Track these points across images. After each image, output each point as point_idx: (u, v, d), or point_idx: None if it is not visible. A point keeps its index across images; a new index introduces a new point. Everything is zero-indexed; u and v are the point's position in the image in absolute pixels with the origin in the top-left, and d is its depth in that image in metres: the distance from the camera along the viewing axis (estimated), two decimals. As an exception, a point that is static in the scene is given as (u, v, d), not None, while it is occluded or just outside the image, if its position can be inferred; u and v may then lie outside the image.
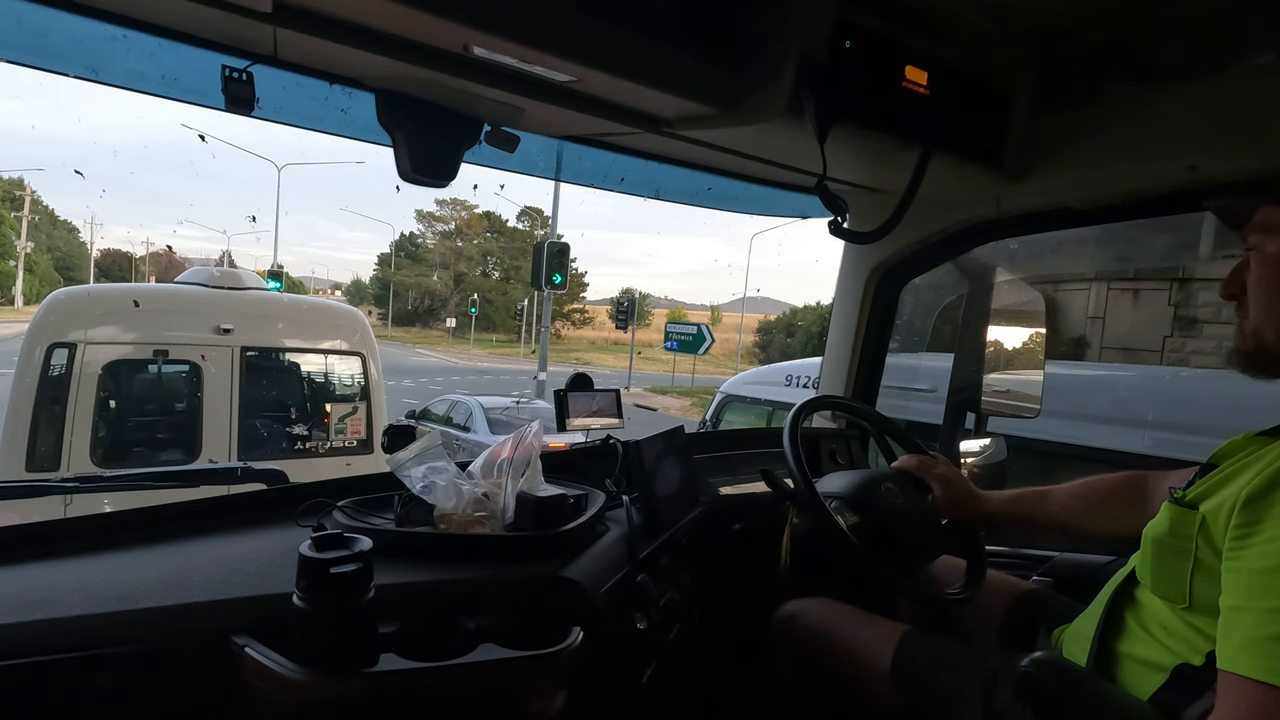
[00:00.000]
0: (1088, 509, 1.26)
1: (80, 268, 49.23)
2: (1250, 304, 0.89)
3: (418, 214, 52.20)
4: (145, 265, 51.62)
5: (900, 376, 3.08)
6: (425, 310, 50.73)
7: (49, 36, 1.03)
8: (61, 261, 48.37)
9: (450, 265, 50.34)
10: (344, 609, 0.77)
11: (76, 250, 51.26)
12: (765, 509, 1.50)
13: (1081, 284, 6.34)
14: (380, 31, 0.96)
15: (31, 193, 42.33)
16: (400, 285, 50.16)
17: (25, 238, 40.59)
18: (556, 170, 1.70)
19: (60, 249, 49.71)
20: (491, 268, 50.99)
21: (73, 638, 0.74)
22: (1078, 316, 6.31)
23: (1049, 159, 1.44)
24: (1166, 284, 5.92)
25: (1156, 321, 5.85)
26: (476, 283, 48.70)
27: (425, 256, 51.73)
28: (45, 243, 47.30)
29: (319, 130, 1.35)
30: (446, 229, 51.49)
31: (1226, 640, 0.75)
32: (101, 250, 55.57)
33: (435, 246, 51.66)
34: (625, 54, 1.04)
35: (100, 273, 49.56)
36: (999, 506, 1.36)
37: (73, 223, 54.54)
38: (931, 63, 1.24)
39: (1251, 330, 0.88)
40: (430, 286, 50.11)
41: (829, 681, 1.26)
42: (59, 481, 1.16)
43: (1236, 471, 0.83)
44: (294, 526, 1.01)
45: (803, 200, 1.88)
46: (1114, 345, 6.15)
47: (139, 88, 1.16)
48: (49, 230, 49.05)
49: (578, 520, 1.07)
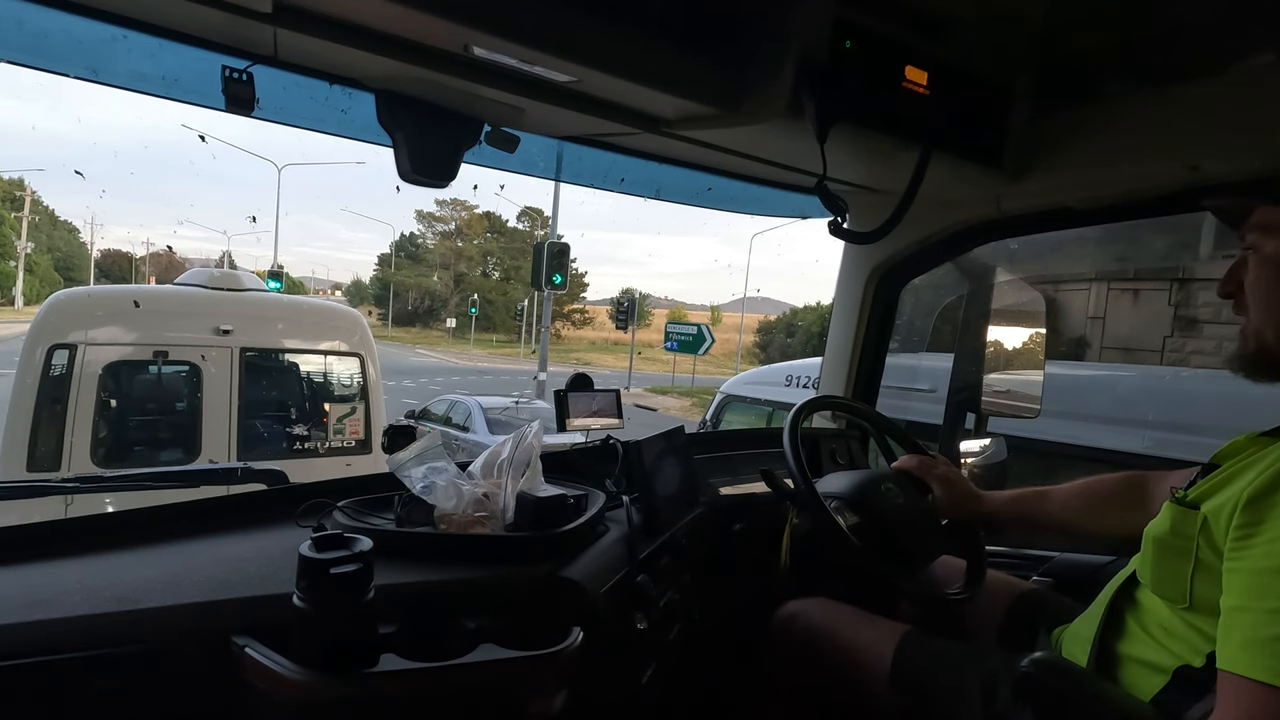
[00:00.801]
0: (1088, 509, 1.26)
1: (80, 268, 49.11)
2: (1249, 304, 0.88)
3: (418, 214, 52.24)
4: (145, 266, 51.57)
5: (900, 377, 3.09)
6: (425, 310, 50.54)
7: (49, 37, 1.03)
8: (62, 262, 48.23)
9: (450, 265, 50.16)
10: (344, 609, 0.77)
11: (77, 251, 51.13)
12: (765, 509, 1.50)
13: (1082, 284, 6.34)
14: (380, 32, 0.96)
15: (32, 193, 42.18)
16: (400, 285, 49.97)
17: (25, 238, 40.38)
18: (556, 170, 1.70)
19: (61, 249, 49.52)
20: (491, 268, 50.83)
21: (73, 638, 0.74)
22: (1078, 317, 6.31)
23: (1049, 159, 1.44)
24: (1166, 284, 5.92)
25: (1156, 322, 5.84)
26: (476, 283, 48.54)
27: (425, 257, 51.53)
28: (45, 243, 47.08)
29: (319, 130, 1.35)
30: (446, 229, 51.39)
31: (1227, 640, 0.74)
32: (101, 250, 55.52)
33: (435, 247, 51.48)
34: (625, 54, 1.04)
35: (100, 273, 49.49)
36: (999, 507, 1.36)
37: (73, 223, 54.52)
38: (932, 63, 1.23)
39: (1253, 332, 0.88)
40: (430, 287, 49.93)
41: (829, 682, 1.26)
42: (59, 482, 1.16)
43: (1238, 472, 0.83)
44: (294, 527, 1.01)
45: (803, 200, 1.88)
46: (1114, 345, 6.14)
47: (139, 88, 1.16)
48: (49, 231, 48.87)
49: (578, 520, 1.07)
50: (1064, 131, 1.42)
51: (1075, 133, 1.41)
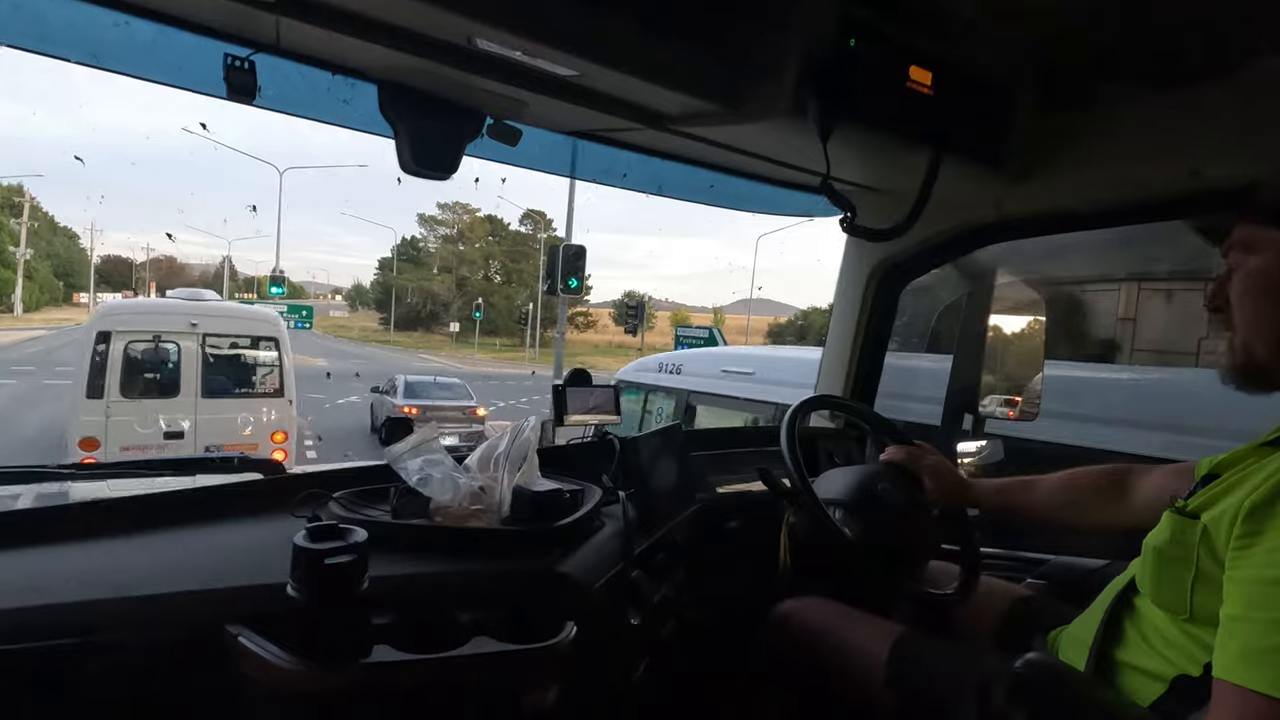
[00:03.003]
0: (1070, 500, 1.27)
1: (81, 274, 48.75)
2: (1236, 318, 0.89)
3: (420, 217, 51.18)
4: (146, 272, 51.41)
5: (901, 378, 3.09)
6: (428, 315, 49.80)
7: (49, 23, 1.03)
8: (62, 268, 47.86)
9: (453, 269, 49.56)
10: (338, 600, 0.77)
11: (77, 257, 50.68)
12: (762, 507, 1.50)
13: (1111, 285, 6.21)
14: (383, 22, 0.95)
15: (31, 199, 41.65)
16: (402, 289, 49.35)
17: (25, 244, 39.87)
18: (558, 165, 1.69)
19: (61, 255, 49.05)
20: (494, 271, 50.29)
21: (67, 624, 0.74)
22: (1106, 319, 6.15)
23: (1052, 161, 1.44)
24: (1201, 284, 5.78)
25: (1191, 323, 5.67)
26: (479, 286, 48.01)
27: (427, 260, 50.98)
28: (45, 249, 46.52)
29: (321, 120, 1.35)
30: (449, 232, 50.76)
31: (1224, 649, 0.74)
32: (101, 257, 55.25)
33: (437, 250, 50.88)
34: (629, 49, 1.04)
35: (101, 279, 49.21)
36: (986, 496, 1.38)
37: (73, 229, 54.17)
38: (936, 63, 1.23)
39: (1240, 345, 0.89)
40: (433, 290, 49.29)
41: (824, 681, 1.26)
42: (56, 468, 1.16)
43: (1238, 481, 0.83)
44: (289, 517, 1.01)
45: (807, 200, 1.87)
46: (1146, 348, 5.98)
47: (141, 74, 1.16)
48: (49, 237, 48.28)
49: (573, 515, 1.07)
50: (1067, 134, 1.42)
51: (1078, 135, 1.41)
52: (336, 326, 54.15)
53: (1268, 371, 0.87)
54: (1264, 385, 0.89)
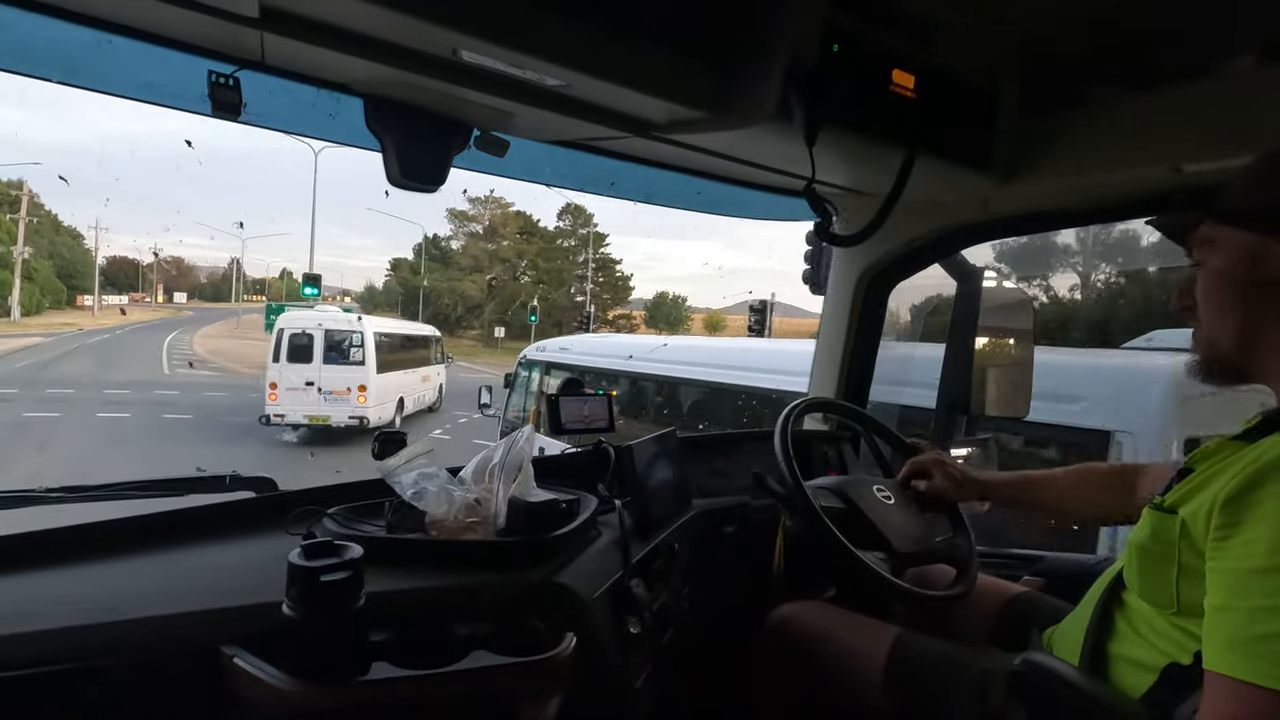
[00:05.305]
0: (1079, 496, 1.32)
1: (84, 275, 47.54)
2: (1201, 315, 0.91)
3: (449, 213, 45.39)
4: (153, 274, 50.42)
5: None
6: (456, 319, 43.43)
7: (30, 42, 1.02)
8: (64, 269, 46.39)
9: (484, 268, 44.11)
10: (334, 617, 0.76)
11: (81, 258, 49.09)
12: (758, 512, 1.50)
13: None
14: (368, 36, 0.95)
15: (30, 194, 39.17)
16: (431, 291, 43.45)
17: (23, 242, 37.12)
18: (546, 175, 1.69)
19: (64, 256, 47.26)
20: (524, 270, 44.98)
21: (60, 650, 0.73)
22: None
23: (1037, 161, 1.46)
24: None
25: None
26: (516, 288, 43.31)
27: (456, 259, 45.65)
28: (47, 249, 44.61)
29: (307, 135, 1.34)
30: (478, 229, 45.35)
31: (1211, 640, 0.75)
32: (107, 258, 54.15)
33: (466, 248, 45.64)
34: (614, 58, 1.04)
35: (106, 280, 48.12)
36: (994, 490, 1.43)
37: (77, 229, 52.45)
38: (918, 66, 1.24)
39: (1205, 340, 0.91)
40: (464, 291, 43.51)
41: (822, 684, 1.26)
42: (43, 492, 1.15)
43: (1213, 475, 0.84)
44: (283, 534, 1.00)
45: (793, 203, 1.88)
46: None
47: (123, 93, 1.15)
48: (51, 236, 46.54)
49: (570, 525, 1.07)
50: (1050, 134, 1.44)
51: (1062, 135, 1.43)
52: (354, 330, 49.91)
53: (1234, 365, 0.90)
54: (1231, 378, 0.92)
